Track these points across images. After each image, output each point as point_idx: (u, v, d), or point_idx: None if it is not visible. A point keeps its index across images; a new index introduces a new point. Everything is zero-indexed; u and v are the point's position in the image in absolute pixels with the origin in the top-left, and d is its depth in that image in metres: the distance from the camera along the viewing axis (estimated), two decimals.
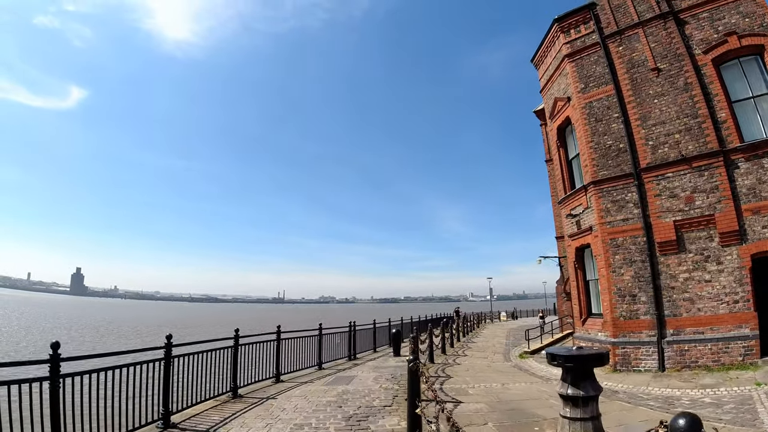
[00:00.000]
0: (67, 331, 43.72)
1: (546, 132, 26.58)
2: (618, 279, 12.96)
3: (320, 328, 12.85)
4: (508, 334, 27.98)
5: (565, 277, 23.32)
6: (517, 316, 56.59)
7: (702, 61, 12.67)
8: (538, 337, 19.11)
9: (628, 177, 13.29)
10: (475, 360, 15.26)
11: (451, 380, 10.46)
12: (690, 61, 12.77)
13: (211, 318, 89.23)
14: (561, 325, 22.13)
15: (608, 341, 12.87)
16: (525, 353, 17.04)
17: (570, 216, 15.10)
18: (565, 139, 16.63)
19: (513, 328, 34.43)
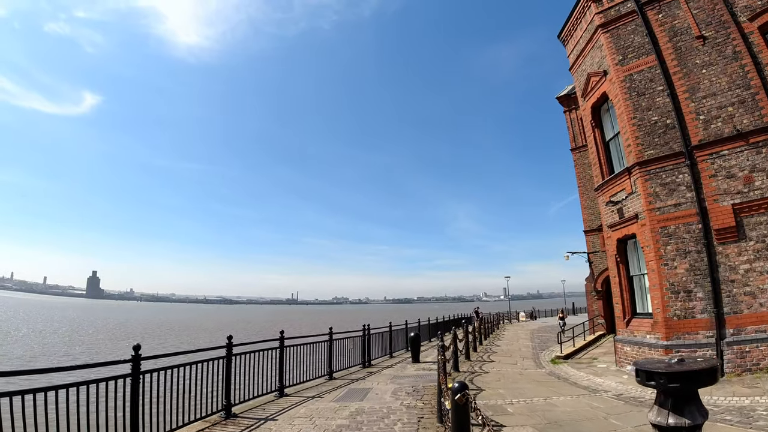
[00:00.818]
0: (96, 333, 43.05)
1: (570, 119, 24.87)
2: (671, 273, 11.30)
3: (330, 333, 11.35)
4: (532, 336, 26.24)
5: (595, 275, 21.55)
6: (536, 317, 54.63)
7: (748, 29, 11.30)
8: (570, 339, 17.38)
9: (678, 156, 11.66)
10: (505, 367, 13.62)
11: (483, 394, 8.88)
12: (736, 29, 11.33)
13: (222, 320, 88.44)
14: (592, 327, 20.38)
15: (659, 345, 11.22)
16: (558, 358, 15.36)
17: (610, 204, 13.40)
18: (600, 118, 14.96)
19: (534, 329, 32.65)
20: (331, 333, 11.28)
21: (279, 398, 8.78)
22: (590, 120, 15.09)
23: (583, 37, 15.20)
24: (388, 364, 13.71)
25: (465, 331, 15.47)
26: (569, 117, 24.90)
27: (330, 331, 11.31)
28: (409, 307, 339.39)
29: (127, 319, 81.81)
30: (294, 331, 58.52)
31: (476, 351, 17.40)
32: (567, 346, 16.49)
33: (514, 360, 15.39)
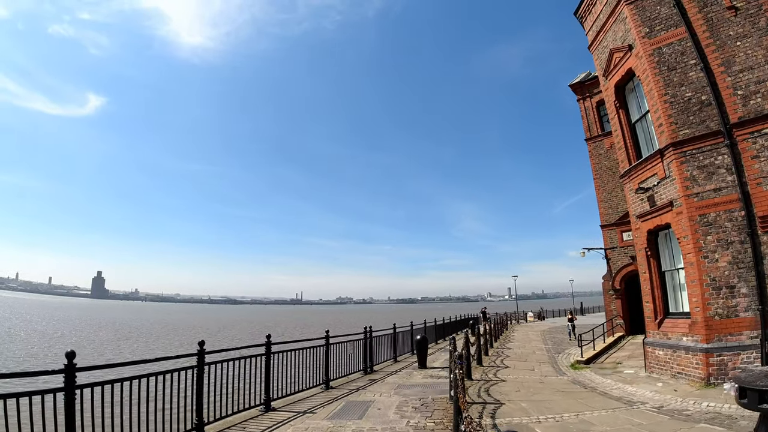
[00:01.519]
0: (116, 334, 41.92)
1: (584, 107, 23.48)
2: (711, 267, 10.00)
3: (327, 337, 10.04)
4: (543, 337, 24.86)
5: (613, 272, 20.16)
6: (544, 317, 53.19)
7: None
8: (590, 342, 16.00)
9: (716, 135, 10.42)
10: (522, 373, 12.29)
11: (504, 409, 7.53)
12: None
13: (222, 320, 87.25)
14: (611, 328, 19.00)
15: (699, 348, 9.92)
16: (578, 363, 14.01)
17: (640, 191, 12.04)
18: (625, 98, 13.62)
19: (544, 330, 31.22)
20: (328, 337, 9.98)
21: (264, 413, 7.50)
22: (614, 100, 13.76)
23: (603, 11, 13.93)
24: (393, 370, 12.40)
25: (477, 334, 14.13)
26: (583, 105, 23.51)
27: (327, 334, 9.99)
28: (413, 307, 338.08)
29: (133, 319, 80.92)
30: (295, 333, 57.26)
31: (488, 355, 16.07)
32: (587, 350, 15.12)
33: (530, 365, 14.05)
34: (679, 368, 10.57)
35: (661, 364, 11.21)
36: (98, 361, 24.67)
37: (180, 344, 36.22)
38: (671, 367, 10.85)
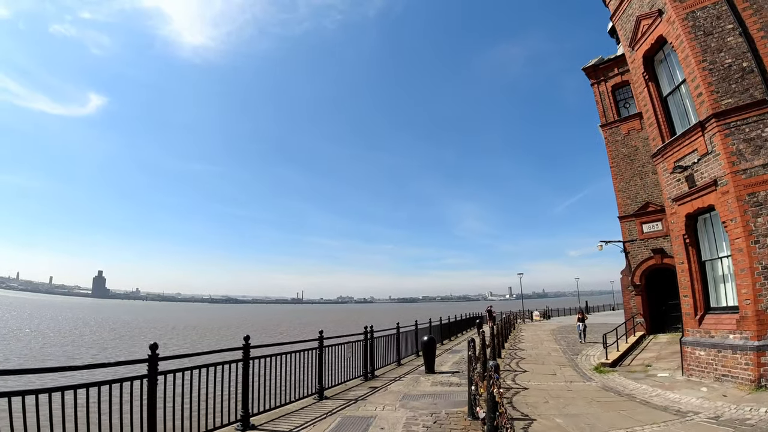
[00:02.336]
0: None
1: (598, 92, 22.07)
2: (764, 253, 8.69)
3: (321, 338, 8.66)
4: (555, 337, 23.48)
5: (632, 267, 18.75)
6: (549, 316, 51.76)
7: None
8: (614, 343, 14.61)
9: (761, 105, 9.24)
10: (543, 379, 10.90)
11: (537, 427, 6.14)
12: None
13: (219, 319, 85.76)
14: (632, 327, 17.59)
15: (749, 346, 8.64)
16: (603, 366, 12.63)
17: (677, 170, 10.63)
18: (654, 70, 12.23)
19: (553, 329, 29.84)
20: (322, 338, 8.59)
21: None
22: (642, 72, 12.39)
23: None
24: (396, 376, 11.02)
25: (491, 334, 12.74)
26: (597, 90, 22.09)
27: (320, 335, 8.61)
28: (415, 306, 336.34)
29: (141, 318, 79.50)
30: (296, 333, 55.94)
31: (500, 357, 14.68)
32: (610, 350, 13.74)
33: (550, 368, 12.66)
34: (724, 370, 9.23)
35: (703, 366, 9.86)
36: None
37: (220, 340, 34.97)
38: (715, 368, 9.50)
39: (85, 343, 35.66)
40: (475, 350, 7.33)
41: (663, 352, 14.43)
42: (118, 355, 27.88)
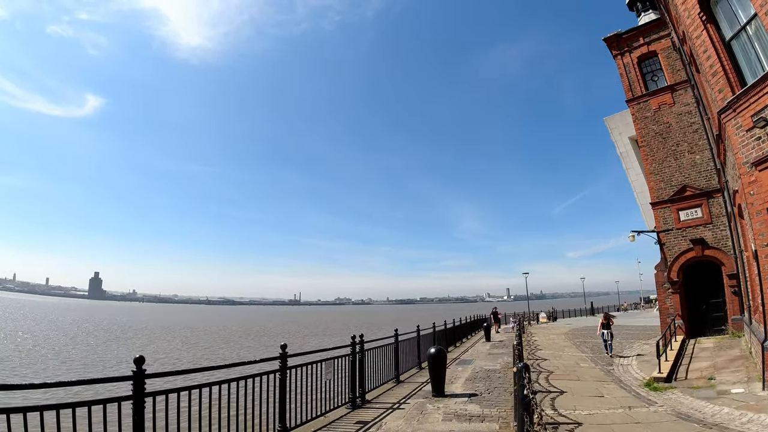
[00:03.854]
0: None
1: (623, 64, 19.47)
2: None
3: (283, 356, 5.94)
4: (573, 342, 20.85)
5: (668, 260, 16.13)
6: (556, 317, 49.16)
7: None
8: (662, 352, 11.94)
9: None
10: (591, 403, 8.22)
11: None
12: None
13: (207, 321, 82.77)
14: (671, 330, 14.98)
15: None
16: (656, 381, 10.00)
17: (760, 121, 7.93)
18: (711, 11, 9.60)
19: (566, 332, 27.21)
20: (285, 356, 5.88)
21: None
22: (698, 12, 9.71)
23: None
24: (395, 402, 8.33)
25: (516, 345, 10.03)
26: (622, 62, 19.49)
27: (282, 353, 5.89)
28: (412, 307, 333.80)
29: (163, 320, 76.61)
30: (292, 331, 53.26)
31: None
32: (647, 358, 11.08)
33: (591, 386, 9.97)
34: None
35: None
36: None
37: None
38: None
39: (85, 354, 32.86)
40: (521, 375, 4.65)
41: (718, 360, 11.80)
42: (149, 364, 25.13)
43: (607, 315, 15.93)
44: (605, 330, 15.29)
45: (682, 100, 17.33)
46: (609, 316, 15.72)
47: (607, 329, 15.24)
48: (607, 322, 15.50)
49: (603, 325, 15.43)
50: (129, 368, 4.16)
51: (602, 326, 15.43)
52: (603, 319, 15.67)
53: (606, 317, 15.68)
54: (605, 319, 15.62)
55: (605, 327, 15.35)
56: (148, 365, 4.13)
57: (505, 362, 14.07)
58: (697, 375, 10.63)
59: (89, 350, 32.82)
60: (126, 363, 25.81)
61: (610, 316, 16.04)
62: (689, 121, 16.93)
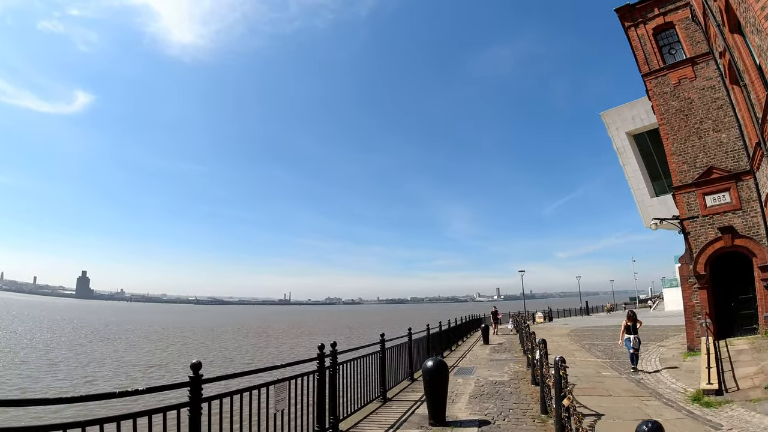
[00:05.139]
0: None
1: (637, 36, 17.55)
2: None
3: (194, 379, 3.79)
4: (581, 344, 19.01)
5: (694, 251, 14.19)
6: (552, 317, 47.50)
7: None
8: (707, 356, 10.00)
9: None
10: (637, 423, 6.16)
11: None
12: None
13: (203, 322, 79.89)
14: (701, 329, 13.10)
15: None
16: (706, 394, 8.04)
17: None
18: None
19: (568, 332, 25.41)
20: (196, 378, 3.74)
21: None
22: None
23: None
24: (379, 428, 6.23)
25: (540, 356, 7.92)
26: (636, 34, 17.57)
27: (193, 377, 3.73)
28: (403, 307, 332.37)
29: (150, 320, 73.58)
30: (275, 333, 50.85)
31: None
32: (678, 363, 9.12)
33: (628, 404, 7.93)
34: None
35: None
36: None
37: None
38: None
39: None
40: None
41: (763, 363, 9.86)
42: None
43: (633, 315, 12.62)
44: (631, 335, 12.12)
45: (704, 74, 15.44)
46: (635, 317, 12.53)
47: (633, 333, 12.15)
48: (633, 324, 12.33)
49: (627, 329, 12.33)
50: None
51: (626, 330, 12.37)
52: (627, 320, 12.47)
53: (631, 317, 12.46)
54: (630, 320, 12.39)
55: (631, 331, 12.25)
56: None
57: (512, 371, 12.02)
58: (749, 384, 8.68)
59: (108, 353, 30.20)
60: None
61: (636, 316, 12.65)
62: (713, 97, 15.05)
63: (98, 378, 21.07)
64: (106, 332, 49.91)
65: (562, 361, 5.45)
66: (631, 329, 12.25)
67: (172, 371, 23.17)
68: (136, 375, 22.09)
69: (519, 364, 13.35)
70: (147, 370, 23.75)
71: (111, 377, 21.33)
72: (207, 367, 19.43)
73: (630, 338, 12.08)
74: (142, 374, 22.36)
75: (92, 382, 20.15)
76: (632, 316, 12.51)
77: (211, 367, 23.98)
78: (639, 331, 12.37)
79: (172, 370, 23.43)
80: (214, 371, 19.87)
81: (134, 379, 21.07)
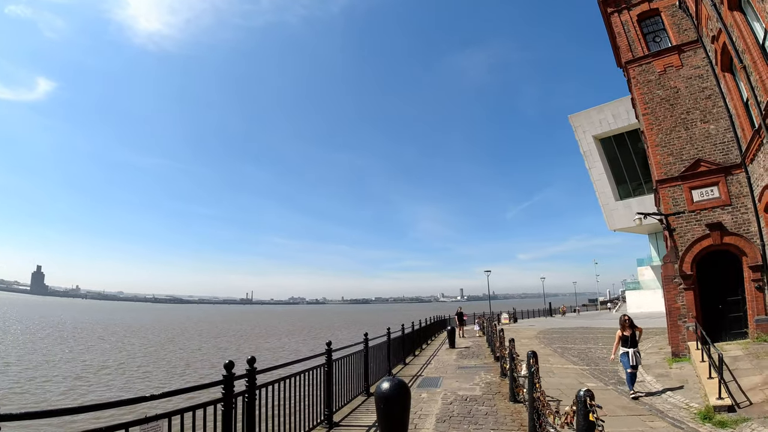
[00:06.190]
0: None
1: (621, 22, 16.51)
2: None
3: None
4: (549, 347, 17.80)
5: (679, 249, 13.10)
6: (516, 318, 46.92)
7: None
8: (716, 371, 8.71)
9: None
10: None
11: None
12: None
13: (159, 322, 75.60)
14: (687, 334, 12.01)
15: None
16: (718, 411, 6.70)
17: None
18: None
19: (534, 334, 24.35)
20: None
21: None
22: None
23: None
24: None
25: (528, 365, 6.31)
26: (620, 19, 16.54)
27: None
28: (368, 307, 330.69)
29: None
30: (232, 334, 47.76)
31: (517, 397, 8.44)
32: (665, 371, 7.80)
33: (625, 422, 6.47)
34: None
35: None
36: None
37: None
38: None
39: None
40: None
41: (767, 372, 8.67)
42: None
43: (630, 321, 9.45)
44: (629, 349, 9.10)
45: (692, 63, 14.48)
46: (633, 324, 9.46)
47: (632, 346, 9.14)
48: (632, 333, 9.30)
49: (623, 340, 9.22)
50: None
51: (622, 341, 9.26)
52: (623, 329, 9.32)
53: (627, 324, 9.34)
54: (627, 329, 9.29)
55: (628, 342, 9.15)
56: None
57: (484, 382, 10.44)
58: (761, 397, 7.42)
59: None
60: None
61: (633, 322, 9.57)
62: (701, 86, 14.09)
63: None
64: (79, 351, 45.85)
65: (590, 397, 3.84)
66: (629, 341, 9.21)
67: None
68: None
69: (491, 373, 11.85)
70: None
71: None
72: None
73: (629, 353, 9.08)
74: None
75: None
76: (629, 322, 9.44)
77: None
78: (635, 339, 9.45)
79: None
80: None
81: None
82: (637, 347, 9.25)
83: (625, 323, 9.38)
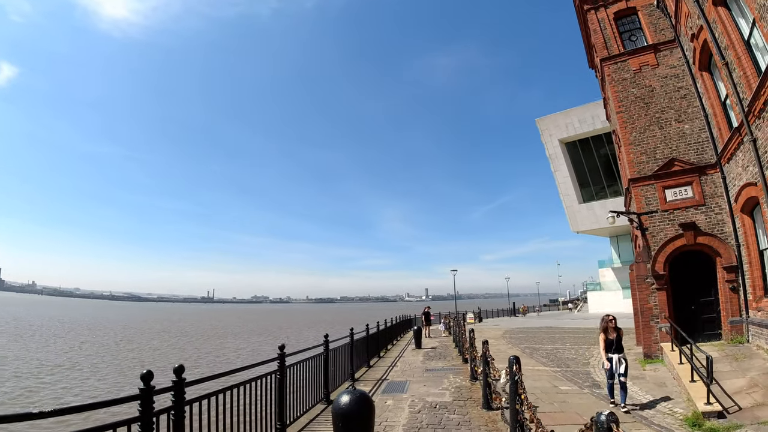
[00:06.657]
0: None
1: (597, 19, 16.27)
2: None
3: None
4: (517, 347, 17.40)
5: (652, 249, 12.85)
6: (482, 318, 46.97)
7: None
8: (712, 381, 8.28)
9: None
10: None
11: None
12: None
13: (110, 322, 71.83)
14: (660, 335, 11.73)
15: None
16: (707, 417, 6.22)
17: None
18: None
19: (500, 334, 23.98)
20: None
21: None
22: None
23: None
24: None
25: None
26: (596, 17, 16.30)
27: None
28: (333, 306, 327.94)
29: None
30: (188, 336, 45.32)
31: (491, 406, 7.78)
32: (639, 372, 7.35)
33: None
34: None
35: None
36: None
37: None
38: None
39: None
40: None
41: (752, 375, 8.31)
42: None
43: (613, 323, 8.20)
44: (614, 355, 7.93)
45: (667, 62, 14.36)
46: (615, 324, 8.20)
47: (617, 352, 7.94)
48: (617, 337, 8.03)
49: (609, 344, 8.04)
50: None
51: (607, 344, 8.06)
52: (607, 333, 8.13)
53: (612, 326, 8.15)
54: (610, 332, 8.11)
55: (614, 347, 7.97)
56: None
57: (454, 386, 9.75)
58: (750, 401, 7.03)
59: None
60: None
61: (616, 322, 8.28)
62: (676, 86, 13.96)
63: None
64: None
65: None
66: (614, 345, 8.00)
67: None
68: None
69: (460, 376, 11.19)
70: None
71: None
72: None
73: (614, 358, 7.90)
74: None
75: None
76: (612, 325, 8.15)
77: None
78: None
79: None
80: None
81: None
82: (623, 352, 8.00)
83: (609, 324, 8.13)
